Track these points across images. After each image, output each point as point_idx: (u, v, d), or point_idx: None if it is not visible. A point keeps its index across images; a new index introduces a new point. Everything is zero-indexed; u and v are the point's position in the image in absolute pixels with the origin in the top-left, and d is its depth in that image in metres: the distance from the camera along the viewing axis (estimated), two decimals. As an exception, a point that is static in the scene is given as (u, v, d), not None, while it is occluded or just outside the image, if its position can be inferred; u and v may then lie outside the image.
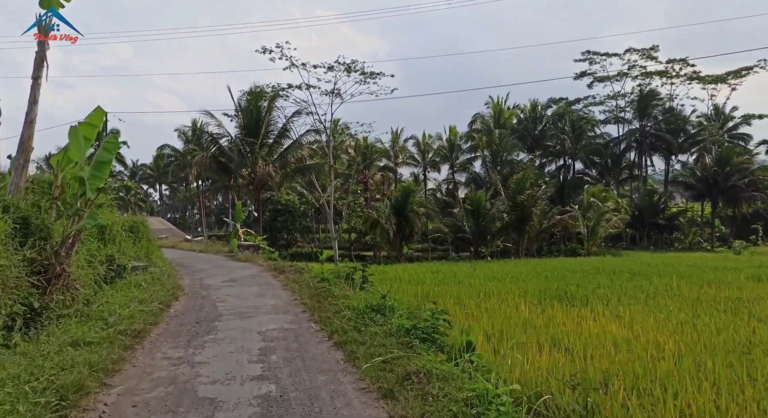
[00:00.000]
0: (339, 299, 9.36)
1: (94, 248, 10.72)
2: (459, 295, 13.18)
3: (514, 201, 37.42)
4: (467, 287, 14.84)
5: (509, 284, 15.85)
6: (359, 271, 12.25)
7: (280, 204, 48.05)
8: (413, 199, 36.24)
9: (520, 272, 20.15)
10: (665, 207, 55.36)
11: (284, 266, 15.65)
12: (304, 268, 14.53)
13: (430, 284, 16.08)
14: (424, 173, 63.66)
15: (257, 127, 33.30)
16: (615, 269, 19.90)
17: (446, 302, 12.01)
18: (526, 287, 14.80)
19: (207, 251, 22.89)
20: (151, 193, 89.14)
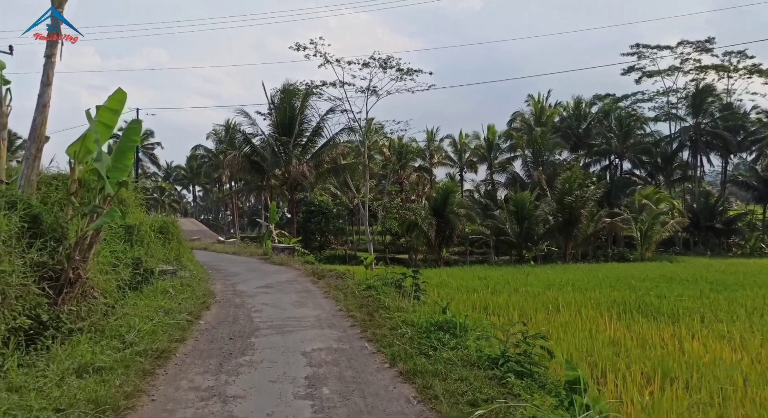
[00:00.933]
0: (393, 312, 8.02)
1: (119, 249, 9.71)
2: (521, 306, 11.69)
3: (560, 202, 35.42)
4: (527, 297, 13.31)
5: (573, 293, 14.22)
6: (409, 277, 10.88)
7: (313, 205, 47.15)
8: (453, 199, 34.66)
9: (578, 279, 18.45)
10: (723, 209, 52.03)
11: (323, 270, 14.43)
12: (346, 273, 13.24)
13: (483, 292, 14.60)
14: (461, 174, 61.93)
15: (291, 125, 32.40)
16: (687, 277, 17.99)
17: (509, 315, 10.56)
18: (595, 297, 13.18)
19: (240, 253, 21.95)
20: (185, 195, 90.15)
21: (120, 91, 7.24)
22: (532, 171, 50.67)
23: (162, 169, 78.50)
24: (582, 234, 36.84)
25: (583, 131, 57.44)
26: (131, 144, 7.33)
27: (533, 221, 35.07)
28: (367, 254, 23.98)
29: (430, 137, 61.20)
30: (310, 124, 34.09)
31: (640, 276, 19.51)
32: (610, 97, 60.33)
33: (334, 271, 13.96)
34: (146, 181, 72.74)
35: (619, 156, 56.51)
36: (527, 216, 34.90)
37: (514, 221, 35.78)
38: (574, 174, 36.96)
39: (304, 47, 34.38)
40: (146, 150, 72.51)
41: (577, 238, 36.76)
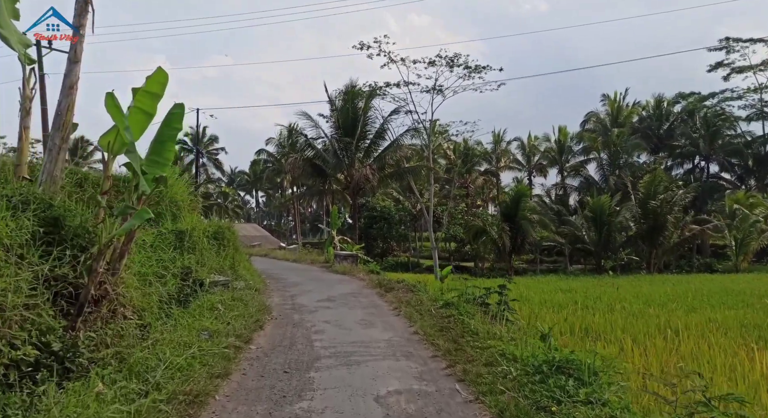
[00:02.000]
0: (484, 340, 6.39)
1: (167, 257, 8.66)
2: (629, 329, 9.69)
3: (644, 207, 32.30)
4: (628, 316, 11.22)
5: (682, 312, 11.97)
6: (494, 293, 9.21)
7: (375, 211, 46.07)
8: (525, 204, 32.32)
9: (677, 294, 15.97)
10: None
11: (389, 281, 12.95)
12: (416, 285, 11.70)
13: (573, 309, 12.61)
14: (530, 178, 59.03)
15: (353, 126, 31.36)
16: None
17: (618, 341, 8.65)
18: (715, 318, 10.92)
19: (301, 260, 20.92)
20: (248, 201, 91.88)
21: (160, 71, 6.09)
22: (608, 175, 47.32)
23: (226, 174, 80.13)
24: (668, 242, 33.45)
25: (665, 132, 53.26)
26: (173, 132, 6.16)
27: (613, 228, 32.13)
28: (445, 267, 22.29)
29: (497, 140, 58.73)
30: (373, 125, 32.95)
31: (751, 291, 16.71)
32: (694, 96, 55.61)
33: (402, 282, 12.45)
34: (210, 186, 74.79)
35: (706, 158, 51.85)
36: (606, 222, 32.03)
37: (592, 227, 32.99)
38: (658, 176, 33.66)
39: (368, 46, 33.34)
40: (211, 155, 74.39)
41: (663, 246, 33.39)
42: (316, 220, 73.23)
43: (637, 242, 33.39)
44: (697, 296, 15.43)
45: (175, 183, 11.95)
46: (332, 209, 24.47)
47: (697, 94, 55.89)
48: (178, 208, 11.42)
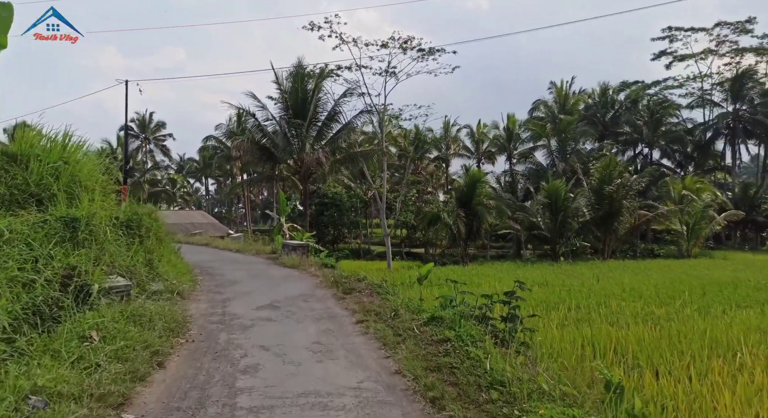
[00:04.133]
0: (512, 393, 4.35)
1: (43, 254, 6.22)
2: (679, 348, 7.83)
3: (599, 193, 31.68)
4: (649, 323, 9.45)
5: (700, 314, 10.50)
6: (497, 304, 7.28)
7: (326, 197, 43.74)
8: (481, 190, 30.97)
9: (663, 285, 14.79)
10: (763, 201, 48.06)
11: (349, 278, 10.84)
12: (383, 286, 9.65)
13: (567, 311, 10.99)
14: (478, 165, 58.20)
15: (304, 108, 28.88)
16: None
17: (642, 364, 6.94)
18: (757, 324, 9.36)
19: (245, 250, 18.40)
20: (198, 188, 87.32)
21: None
22: (557, 161, 46.97)
23: (174, 161, 75.71)
24: (622, 228, 33.13)
25: (610, 120, 53.69)
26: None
27: (569, 214, 31.34)
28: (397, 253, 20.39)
29: (447, 127, 57.57)
30: (324, 108, 30.60)
31: (737, 282, 15.81)
32: (638, 84, 56.41)
33: (364, 280, 10.38)
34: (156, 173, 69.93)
35: (649, 145, 52.68)
36: (562, 208, 31.17)
37: (547, 213, 32.10)
38: (613, 162, 33.18)
39: (319, 27, 30.95)
40: (158, 141, 69.51)
41: (617, 232, 33.02)
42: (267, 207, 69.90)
43: (591, 229, 32.83)
44: (685, 288, 14.22)
45: (81, 160, 9.40)
46: (280, 194, 21.96)
47: (641, 82, 56.77)
48: (84, 190, 8.89)
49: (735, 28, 50.19)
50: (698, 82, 55.18)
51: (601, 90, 54.56)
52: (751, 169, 60.30)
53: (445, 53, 35.14)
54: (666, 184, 40.65)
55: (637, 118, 51.76)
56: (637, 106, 53.66)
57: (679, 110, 54.28)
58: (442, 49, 35.40)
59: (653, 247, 42.93)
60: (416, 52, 35.31)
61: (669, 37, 53.30)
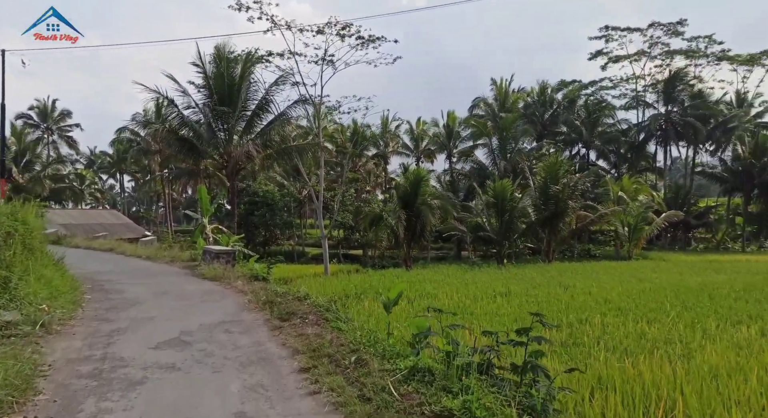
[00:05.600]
0: None
1: None
2: (707, 400, 6.05)
3: (545, 193, 30.81)
4: (643, 351, 7.76)
5: (702, 335, 8.91)
6: (506, 343, 5.19)
7: (257, 195, 40.58)
8: (425, 189, 29.22)
9: (629, 294, 13.43)
10: (694, 202, 49.76)
11: (286, 297, 8.46)
12: (332, 309, 7.35)
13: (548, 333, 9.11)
14: (417, 163, 56.95)
15: (231, 95, 25.85)
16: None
17: None
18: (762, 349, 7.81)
19: (158, 257, 15.42)
20: (113, 185, 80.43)
21: None
22: (498, 160, 46.35)
23: (83, 155, 68.81)
24: (566, 229, 32.54)
25: (549, 119, 53.87)
26: None
27: (515, 214, 30.25)
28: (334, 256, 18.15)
29: (386, 123, 55.84)
30: (255, 96, 27.70)
31: (699, 288, 14.77)
32: (576, 83, 57.10)
33: (307, 299, 8.04)
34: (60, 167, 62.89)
35: (586, 145, 53.36)
36: (509, 208, 30.03)
37: (493, 214, 30.87)
38: (558, 161, 32.50)
39: (247, 7, 28.05)
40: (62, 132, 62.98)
41: (561, 233, 32.39)
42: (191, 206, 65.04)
43: (536, 229, 31.95)
44: (661, 298, 12.86)
45: None
46: (200, 189, 18.93)
47: (578, 82, 57.52)
48: None
49: (667, 30, 51.60)
50: (632, 84, 56.58)
51: (540, 89, 54.69)
52: (680, 171, 62.77)
53: (386, 42, 33.34)
54: (606, 184, 40.82)
55: (575, 118, 52.24)
56: (575, 106, 54.25)
57: (614, 111, 55.45)
58: (382, 38, 33.51)
59: (590, 247, 43.21)
60: (355, 39, 33.29)
61: (606, 36, 54.19)
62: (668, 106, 50.71)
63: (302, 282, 18.55)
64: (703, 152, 53.71)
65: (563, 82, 56.61)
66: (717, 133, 49.34)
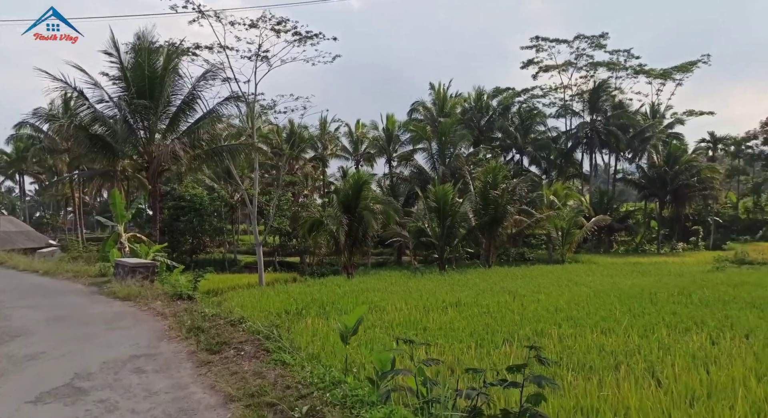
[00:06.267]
0: None
1: None
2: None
3: (485, 198, 30.68)
4: (608, 369, 7.09)
5: (656, 348, 8.36)
6: (498, 385, 4.13)
7: (183, 200, 37.91)
8: (367, 193, 28.20)
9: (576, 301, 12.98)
10: (617, 207, 51.98)
11: (215, 321, 7.06)
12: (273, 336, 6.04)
13: (507, 350, 8.28)
14: (357, 167, 55.88)
15: (153, 90, 23.55)
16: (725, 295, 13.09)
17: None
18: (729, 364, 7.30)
19: (58, 272, 13.23)
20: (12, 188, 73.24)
21: None
22: (438, 165, 46.22)
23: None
24: (505, 233, 32.60)
25: (486, 125, 54.58)
26: None
27: (456, 219, 29.88)
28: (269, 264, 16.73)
29: (324, 125, 54.40)
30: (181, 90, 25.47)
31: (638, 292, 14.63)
32: (510, 91, 58.32)
33: (241, 324, 6.68)
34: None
35: (520, 151, 54.51)
36: (450, 213, 29.63)
37: (435, 218, 30.37)
38: (498, 166, 32.55)
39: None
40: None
41: (500, 238, 32.41)
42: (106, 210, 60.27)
43: (476, 234, 31.76)
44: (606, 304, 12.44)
45: None
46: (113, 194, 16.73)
47: (512, 89, 58.81)
48: None
49: (591, 42, 53.85)
50: (560, 93, 58.54)
51: (476, 95, 55.32)
52: (602, 177, 65.62)
53: (325, 40, 32.20)
54: (540, 189, 41.59)
55: (509, 124, 53.22)
56: (509, 112, 55.33)
57: (545, 119, 57.10)
58: (321, 35, 32.33)
59: (524, 251, 43.93)
60: (291, 35, 31.95)
61: (536, 46, 55.73)
62: (593, 115, 52.77)
63: (235, 296, 16.92)
64: (624, 160, 56.44)
65: (498, 89, 57.66)
66: (635, 142, 51.94)
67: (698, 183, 48.35)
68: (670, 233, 52.27)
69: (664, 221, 53.25)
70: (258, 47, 31.62)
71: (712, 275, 18.97)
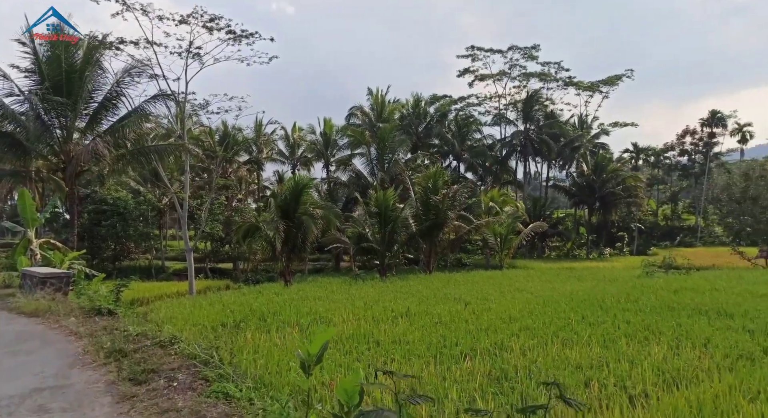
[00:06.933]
0: None
1: None
2: None
3: (426, 203, 30.50)
4: (581, 388, 6.73)
5: (625, 362, 8.12)
6: None
7: (106, 203, 35.28)
8: (307, 197, 27.19)
9: (533, 309, 12.82)
10: (550, 214, 53.73)
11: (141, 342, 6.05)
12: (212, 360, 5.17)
13: (472, 367, 7.79)
14: (293, 171, 54.54)
15: (71, 85, 21.53)
16: (685, 303, 13.26)
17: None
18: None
19: (-46, 285, 11.55)
20: None
21: None
22: (377, 170, 45.87)
23: None
24: (446, 239, 32.59)
25: (423, 131, 54.96)
26: None
27: (398, 225, 29.48)
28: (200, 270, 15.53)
29: (259, 127, 52.73)
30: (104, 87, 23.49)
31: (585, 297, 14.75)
32: (447, 98, 59.12)
33: (175, 346, 5.74)
34: None
35: (457, 158, 55.27)
36: (392, 219, 29.20)
37: (376, 224, 29.85)
38: (439, 171, 32.52)
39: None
40: None
41: (441, 243, 32.36)
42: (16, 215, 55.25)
43: (417, 240, 31.52)
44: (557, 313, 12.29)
45: None
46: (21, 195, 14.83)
47: (449, 97, 59.69)
48: None
49: (524, 53, 55.68)
50: (495, 102, 60.05)
51: (414, 101, 55.61)
52: (533, 184, 67.87)
53: (261, 40, 31.12)
54: (478, 195, 42.15)
55: (446, 131, 53.86)
56: (446, 119, 56.05)
57: (481, 126, 58.31)
58: (256, 34, 31.21)
59: (462, 257, 44.43)
60: (225, 33, 30.69)
61: (472, 55, 56.88)
62: (527, 124, 54.46)
63: (163, 306, 15.51)
64: (555, 168, 58.69)
65: (435, 97, 58.31)
66: (566, 150, 54.12)
67: (623, 191, 50.97)
68: (598, 238, 54.70)
69: (592, 227, 55.72)
70: (189, 44, 30.07)
71: (648, 281, 19.54)
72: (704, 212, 61.40)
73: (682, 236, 58.23)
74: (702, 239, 58.21)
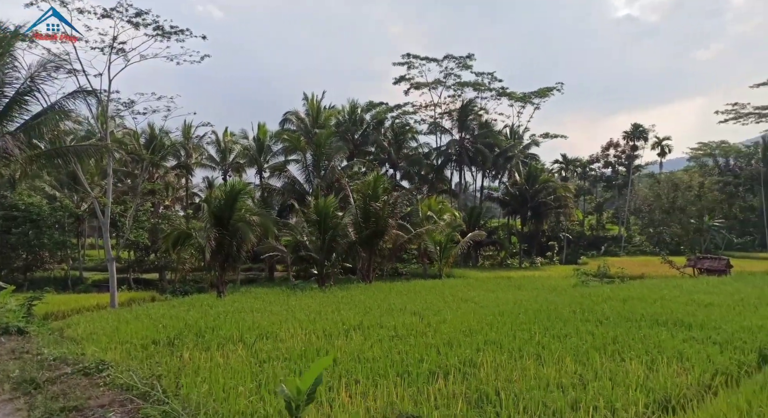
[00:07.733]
0: None
1: None
2: None
3: (366, 211, 29.99)
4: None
5: (607, 381, 7.92)
6: None
7: (16, 209, 32.15)
8: (243, 204, 25.89)
9: (492, 319, 12.58)
10: (484, 223, 54.83)
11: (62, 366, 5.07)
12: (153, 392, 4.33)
13: (444, 386, 7.27)
14: (225, 177, 52.48)
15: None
16: (643, 313, 13.42)
17: None
18: None
19: None
20: None
21: None
22: (313, 177, 44.93)
23: None
24: (386, 248, 32.19)
25: (360, 138, 54.66)
26: None
27: (337, 233, 28.75)
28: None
29: (188, 131, 50.37)
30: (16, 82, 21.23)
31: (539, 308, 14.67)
32: (383, 105, 59.20)
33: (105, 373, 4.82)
34: None
35: (394, 166, 55.36)
36: (331, 227, 28.42)
37: (315, 232, 28.95)
38: (380, 178, 32.13)
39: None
40: None
41: (382, 252, 31.94)
42: None
43: (357, 249, 30.91)
44: (517, 323, 12.00)
45: None
46: None
47: (385, 104, 59.80)
48: None
49: (459, 63, 56.80)
50: (431, 110, 60.81)
51: (350, 107, 55.21)
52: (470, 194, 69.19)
53: (192, 37, 29.72)
54: (415, 203, 42.22)
55: (383, 139, 53.82)
56: (383, 127, 56.04)
57: (417, 135, 58.76)
58: (187, 31, 29.78)
59: (398, 266, 44.30)
60: (153, 29, 29.11)
61: (408, 63, 57.34)
62: (462, 133, 55.46)
63: (82, 321, 13.92)
64: (489, 177, 60.13)
65: (372, 104, 58.24)
66: (500, 160, 55.60)
67: (554, 201, 52.94)
68: (529, 247, 56.45)
69: (523, 237, 57.44)
70: (113, 39, 28.19)
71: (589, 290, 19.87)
72: (627, 223, 65.04)
73: (607, 245, 61.25)
74: (626, 249, 61.52)
